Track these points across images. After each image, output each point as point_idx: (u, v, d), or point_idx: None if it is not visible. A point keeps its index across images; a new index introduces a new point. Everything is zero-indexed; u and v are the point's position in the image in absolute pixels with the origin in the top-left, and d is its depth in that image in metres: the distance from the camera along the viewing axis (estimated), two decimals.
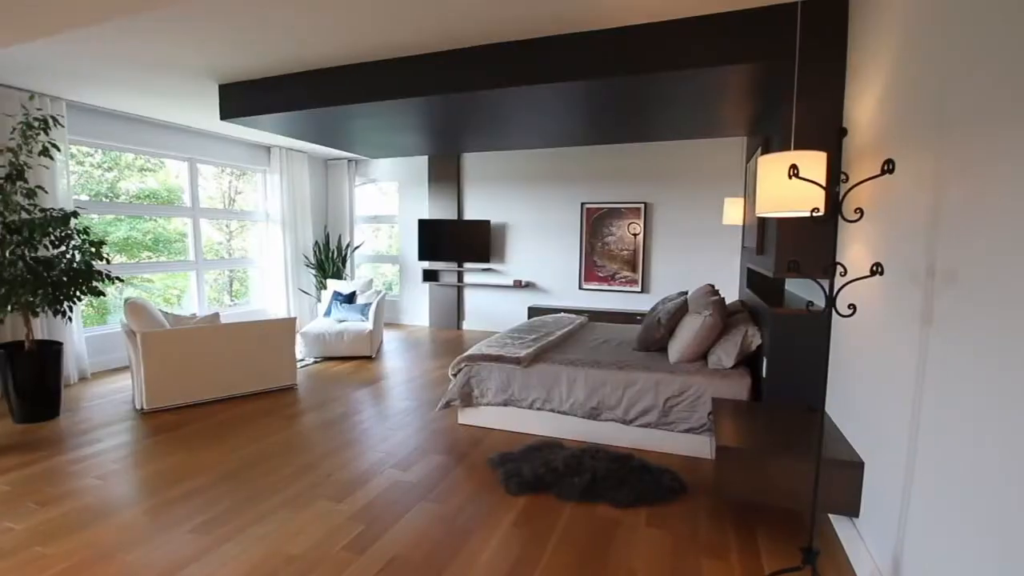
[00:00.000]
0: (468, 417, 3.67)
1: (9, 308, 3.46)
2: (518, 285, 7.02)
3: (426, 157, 7.35)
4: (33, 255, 3.59)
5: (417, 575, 2.07)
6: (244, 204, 7.06)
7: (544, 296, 7.00)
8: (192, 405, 4.03)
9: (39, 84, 4.15)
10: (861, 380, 2.20)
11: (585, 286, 6.78)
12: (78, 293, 3.72)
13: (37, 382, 3.65)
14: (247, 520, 2.46)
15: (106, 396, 4.31)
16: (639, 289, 6.53)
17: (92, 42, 3.26)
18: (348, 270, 7.68)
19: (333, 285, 6.29)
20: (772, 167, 1.84)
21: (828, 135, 2.59)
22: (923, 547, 1.58)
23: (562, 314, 5.26)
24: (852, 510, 2.16)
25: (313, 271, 7.30)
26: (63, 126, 4.13)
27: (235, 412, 3.92)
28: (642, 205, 6.42)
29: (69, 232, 3.73)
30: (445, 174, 7.27)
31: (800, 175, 1.68)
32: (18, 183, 3.57)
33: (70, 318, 3.89)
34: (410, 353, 5.90)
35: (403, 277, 7.82)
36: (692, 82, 3.42)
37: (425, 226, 7.21)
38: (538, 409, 3.45)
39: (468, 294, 7.42)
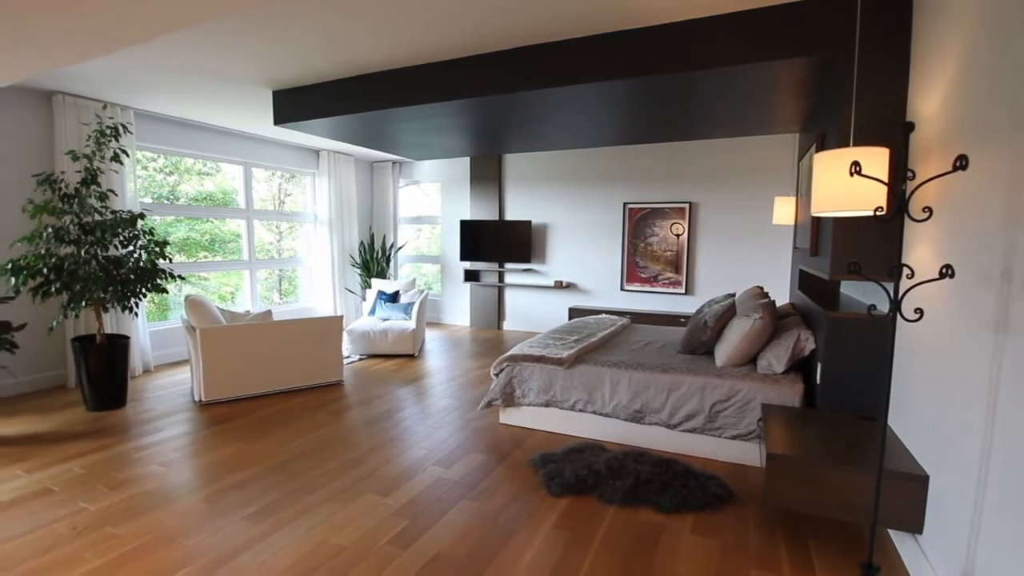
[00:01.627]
0: (509, 417, 3.68)
1: (83, 303, 3.71)
2: (559, 286, 7.00)
3: (468, 158, 7.42)
4: (104, 254, 3.83)
5: (460, 573, 2.09)
6: (293, 206, 7.32)
7: (585, 297, 6.94)
8: (245, 398, 4.20)
9: (110, 95, 4.43)
10: (926, 389, 2.08)
11: (627, 287, 6.69)
12: (144, 290, 3.95)
13: (107, 373, 3.90)
14: (297, 510, 2.54)
15: (167, 388, 4.55)
16: (683, 291, 6.39)
17: (155, 55, 3.46)
18: (392, 270, 7.84)
19: (378, 284, 6.44)
20: (829, 164, 1.76)
21: (890, 130, 2.47)
22: (997, 568, 1.48)
23: (603, 315, 5.21)
24: (915, 526, 2.04)
25: (358, 271, 7.49)
26: (131, 133, 4.40)
27: (285, 406, 4.07)
28: (687, 205, 6.28)
29: (136, 233, 3.96)
30: (487, 175, 7.32)
31: (862, 172, 1.61)
32: (92, 187, 3.82)
33: (136, 313, 4.13)
34: (451, 352, 5.97)
35: (444, 277, 7.92)
36: (739, 79, 3.32)
37: (467, 226, 7.28)
38: (580, 411, 3.42)
39: (508, 294, 7.45)
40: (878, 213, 1.65)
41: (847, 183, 1.68)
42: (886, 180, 1.67)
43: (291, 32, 3.19)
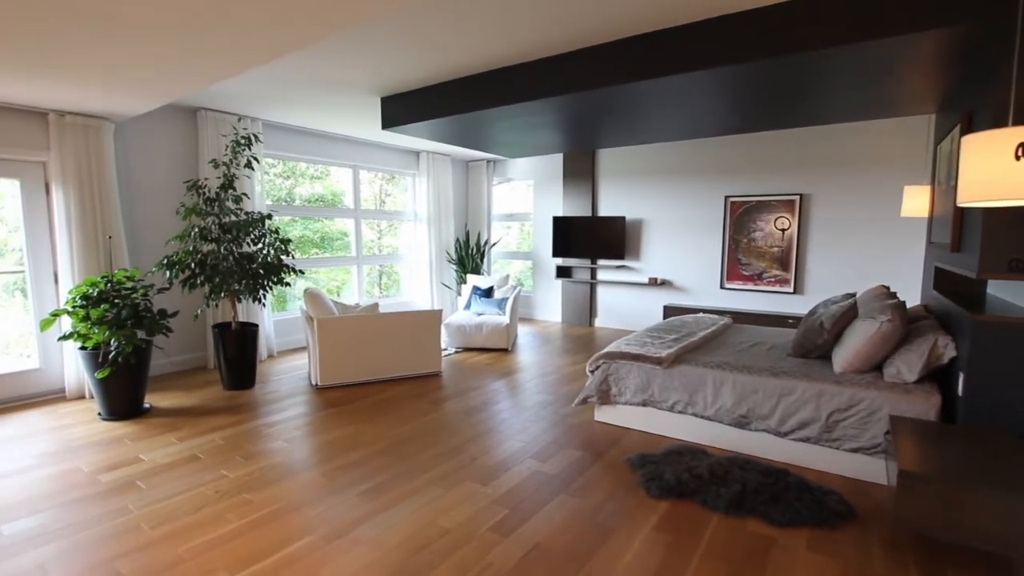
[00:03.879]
0: (605, 415, 3.64)
1: (222, 294, 4.19)
2: (653, 283, 6.80)
3: (561, 155, 7.41)
4: (239, 251, 4.29)
5: (559, 565, 2.11)
6: (392, 205, 7.73)
7: (681, 295, 6.69)
8: (355, 384, 4.53)
9: (244, 108, 4.95)
10: None
11: (727, 285, 6.35)
12: (270, 283, 4.38)
13: (240, 357, 4.38)
14: (404, 492, 2.70)
15: (288, 372, 5.02)
16: (790, 290, 5.95)
17: (279, 70, 3.81)
18: (485, 266, 8.05)
19: (472, 280, 6.64)
20: (981, 148, 1.56)
21: None
22: None
23: (702, 314, 4.99)
24: None
25: (454, 266, 7.77)
26: (261, 142, 4.89)
27: (390, 393, 4.33)
28: (796, 197, 5.83)
29: (264, 231, 4.40)
30: (580, 171, 7.28)
31: None
32: (229, 191, 4.30)
33: (264, 304, 4.59)
34: (544, 348, 6.02)
35: (536, 273, 7.99)
36: (865, 57, 3.02)
37: (559, 223, 7.29)
38: (679, 412, 3.31)
39: (601, 291, 7.36)
40: None
41: (1007, 168, 1.48)
42: None
43: (401, 42, 3.37)
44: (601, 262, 7.22)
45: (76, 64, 3.01)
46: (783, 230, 5.93)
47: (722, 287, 6.39)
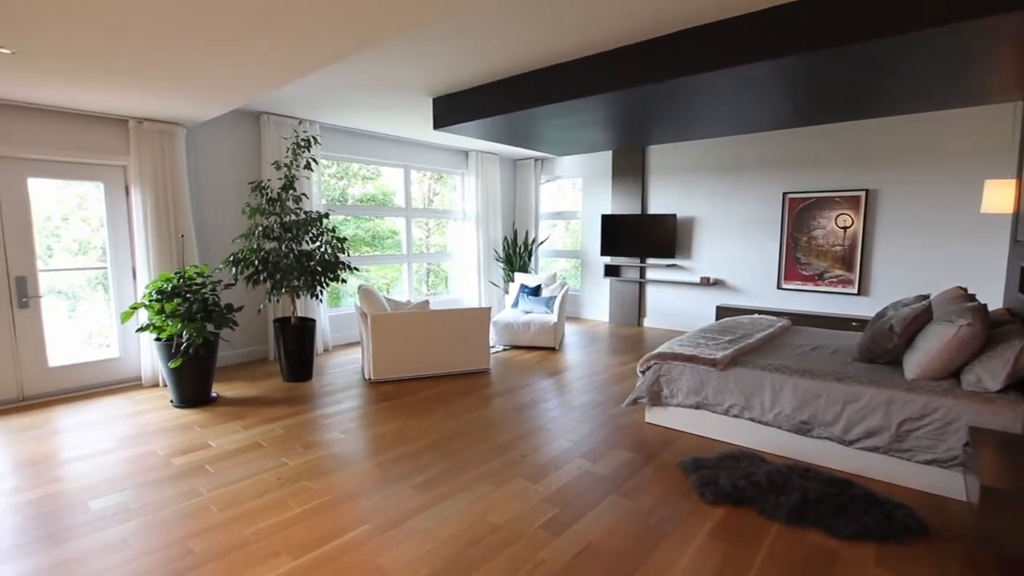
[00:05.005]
0: (656, 416, 3.58)
1: (282, 290, 4.38)
2: (705, 283, 6.61)
3: (610, 152, 7.32)
4: (298, 248, 4.47)
5: (611, 567, 2.09)
6: (440, 204, 7.85)
7: (735, 295, 6.48)
8: (406, 379, 4.64)
9: (303, 112, 5.15)
10: None
11: (785, 285, 6.10)
12: (327, 279, 4.54)
13: (299, 350, 4.56)
14: (455, 486, 2.75)
15: (342, 366, 5.19)
16: (854, 291, 5.65)
17: (339, 74, 3.94)
18: (533, 264, 8.05)
19: (520, 278, 6.66)
20: None
21: None
22: None
23: (757, 315, 4.81)
24: None
25: (502, 265, 7.82)
26: (320, 144, 5.07)
27: (440, 389, 4.41)
28: (862, 193, 5.53)
29: (322, 230, 4.56)
30: (629, 168, 7.16)
31: None
32: (289, 191, 4.49)
33: (320, 299, 4.76)
34: (591, 347, 5.97)
35: (584, 272, 7.93)
36: (946, 42, 2.82)
37: (608, 221, 7.20)
38: (735, 416, 3.21)
39: (650, 290, 7.22)
40: None
41: None
42: None
43: (454, 42, 3.42)
44: (651, 261, 7.08)
45: (157, 75, 3.21)
46: (845, 228, 5.64)
47: (779, 287, 6.14)
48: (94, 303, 4.61)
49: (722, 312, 6.27)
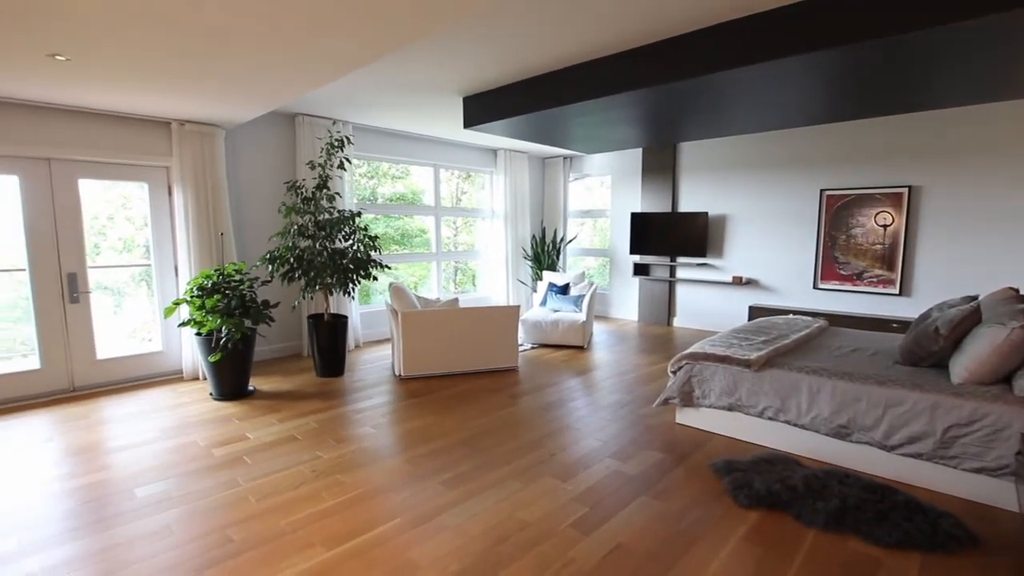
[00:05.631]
0: (687, 417, 3.53)
1: (316, 287, 4.48)
2: (737, 282, 6.48)
3: (640, 149, 7.23)
4: (332, 246, 4.56)
5: (641, 568, 2.08)
6: (468, 202, 7.89)
7: (768, 295, 6.32)
8: (435, 376, 4.68)
9: (336, 112, 5.24)
10: None
11: (821, 285, 5.93)
12: (359, 277, 4.62)
13: (331, 346, 4.66)
14: (484, 483, 2.76)
15: (373, 362, 5.28)
16: (895, 291, 5.45)
17: (370, 75, 4.00)
18: (561, 263, 8.03)
19: (548, 277, 6.64)
20: None
21: None
22: None
23: (792, 316, 4.69)
24: None
25: (530, 263, 7.81)
26: (353, 143, 5.16)
27: (468, 386, 4.44)
28: (904, 190, 5.33)
29: (354, 228, 4.65)
30: (659, 165, 7.06)
31: None
32: (323, 190, 4.58)
33: (352, 296, 4.85)
34: (620, 347, 5.92)
35: (612, 270, 7.86)
36: (1004, 29, 2.69)
37: (637, 219, 7.12)
38: (769, 419, 3.14)
39: (680, 290, 7.11)
40: None
41: None
42: None
43: (484, 40, 3.43)
44: (681, 259, 6.98)
45: (204, 79, 3.32)
46: (884, 226, 5.45)
47: (815, 287, 5.97)
48: (137, 299, 4.80)
49: (755, 312, 6.13)
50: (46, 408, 3.96)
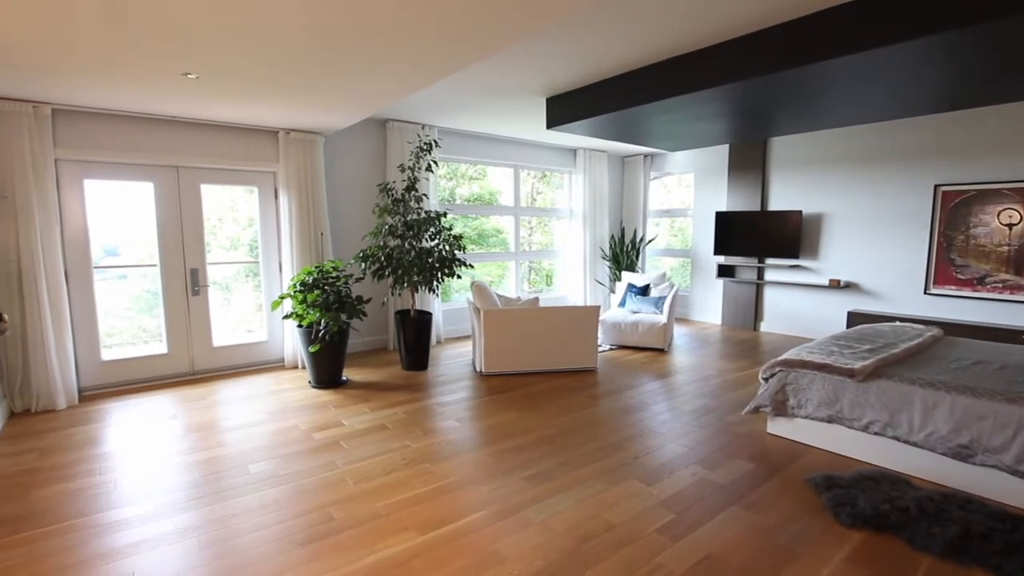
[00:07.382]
0: (779, 427, 3.35)
1: (404, 284, 4.69)
2: (835, 285, 6.04)
3: (726, 146, 6.93)
4: (419, 246, 4.77)
5: None
6: (543, 202, 7.92)
7: (870, 300, 5.85)
8: (516, 374, 4.76)
9: (424, 117, 5.46)
10: None
11: (933, 290, 5.40)
12: (444, 275, 4.79)
13: (417, 341, 4.87)
14: (568, 481, 2.78)
15: (455, 358, 5.45)
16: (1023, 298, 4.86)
17: (459, 80, 4.12)
18: (640, 263, 7.86)
19: (628, 277, 6.53)
20: None
21: None
22: None
23: (900, 323, 4.31)
24: None
25: (608, 263, 7.72)
26: (439, 147, 5.35)
27: (548, 385, 4.47)
28: None
29: (440, 229, 4.82)
30: (747, 162, 6.73)
31: None
32: (412, 192, 4.79)
33: (437, 294, 5.04)
34: (702, 350, 5.71)
35: (694, 272, 7.59)
36: None
37: (722, 218, 6.83)
38: (875, 434, 2.91)
39: (768, 293, 6.74)
40: None
41: None
42: None
43: (569, 40, 3.44)
44: (770, 261, 6.61)
45: (314, 92, 3.59)
46: (1010, 225, 4.87)
47: (926, 292, 5.45)
48: (243, 293, 5.26)
49: (855, 318, 5.69)
50: (171, 388, 4.44)
